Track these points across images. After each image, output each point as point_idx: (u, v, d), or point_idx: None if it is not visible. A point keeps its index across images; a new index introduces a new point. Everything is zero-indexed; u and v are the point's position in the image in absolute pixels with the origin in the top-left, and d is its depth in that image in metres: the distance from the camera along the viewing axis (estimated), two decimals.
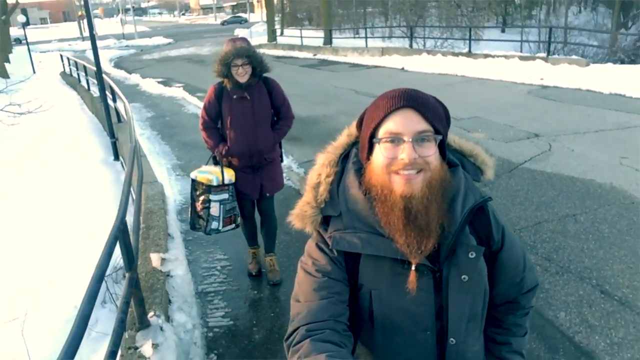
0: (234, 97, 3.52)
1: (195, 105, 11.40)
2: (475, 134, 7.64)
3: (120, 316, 2.49)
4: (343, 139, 1.34)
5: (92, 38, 7.31)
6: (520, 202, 5.09)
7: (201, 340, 3.20)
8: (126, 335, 2.85)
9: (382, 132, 1.16)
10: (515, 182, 5.63)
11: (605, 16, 31.22)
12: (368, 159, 1.21)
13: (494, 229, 1.28)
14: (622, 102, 9.20)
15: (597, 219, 4.65)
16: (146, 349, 2.75)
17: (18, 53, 30.30)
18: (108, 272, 4.11)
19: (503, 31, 29.72)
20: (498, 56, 13.75)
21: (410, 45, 18.84)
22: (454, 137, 1.34)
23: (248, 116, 3.56)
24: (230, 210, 3.70)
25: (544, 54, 13.06)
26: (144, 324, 2.93)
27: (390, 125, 1.14)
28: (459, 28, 21.43)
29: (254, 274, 4.07)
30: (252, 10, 63.72)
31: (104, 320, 4.19)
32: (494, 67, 12.95)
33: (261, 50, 3.28)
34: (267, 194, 3.80)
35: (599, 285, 3.64)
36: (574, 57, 13.15)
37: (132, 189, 4.65)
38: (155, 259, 3.59)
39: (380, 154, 1.16)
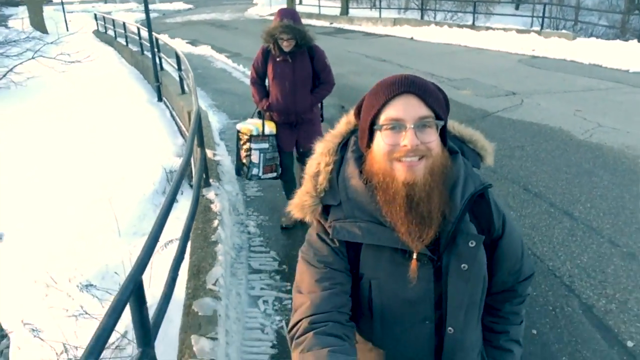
0: (278, 59, 3.85)
1: (223, 62, 12.83)
2: (463, 91, 9.00)
3: (198, 176, 3.97)
4: (342, 127, 1.33)
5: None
6: None
7: (243, 200, 4.74)
8: None
9: (382, 119, 1.14)
10: (485, 125, 7.04)
11: None
12: (368, 146, 1.20)
13: (495, 216, 1.27)
14: (597, 71, 10.47)
15: (539, 149, 6.06)
16: (211, 195, 4.26)
17: (47, 12, 31.62)
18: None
19: (517, 8, 30.59)
20: (498, 29, 14.95)
21: (422, 17, 19.98)
22: (454, 124, 1.33)
23: (288, 77, 3.85)
24: (271, 159, 4.06)
25: (538, 28, 14.23)
26: (207, 184, 4.44)
27: (391, 111, 1.13)
28: (468, 2, 22.41)
29: (284, 226, 4.31)
30: None
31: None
32: (494, 39, 14.15)
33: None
34: (302, 150, 4.11)
35: (524, 185, 5.09)
36: (563, 31, 14.30)
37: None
38: (209, 153, 5.10)
39: (381, 141, 1.15)
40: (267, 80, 4.07)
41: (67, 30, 22.27)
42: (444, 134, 1.19)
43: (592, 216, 4.45)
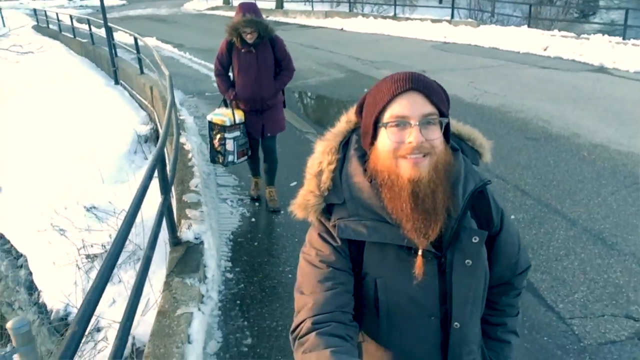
0: (242, 50, 4.07)
1: (169, 51, 13.92)
2: (383, 70, 10.62)
3: (176, 125, 5.28)
4: (342, 125, 1.33)
5: None
6: None
7: (206, 146, 6.07)
8: None
9: (387, 116, 1.15)
10: None
11: None
12: (372, 144, 1.20)
13: (494, 212, 1.30)
14: (494, 53, 12.41)
15: None
16: (183, 140, 5.57)
17: None
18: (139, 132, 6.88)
19: (440, 1, 33.05)
20: (415, 19, 16.82)
21: (350, 10, 21.69)
22: (452, 122, 1.32)
23: (253, 67, 4.08)
24: (243, 144, 4.35)
25: (449, 18, 16.19)
26: (180, 133, 5.74)
27: (397, 108, 1.13)
28: None
29: (255, 197, 4.79)
30: None
31: (137, 160, 6.96)
32: (412, 28, 15.97)
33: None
34: (269, 134, 4.35)
35: None
36: (469, 20, 16.32)
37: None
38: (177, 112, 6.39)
39: (386, 139, 1.15)
40: (230, 71, 4.36)
41: (4, 25, 22.42)
42: (446, 131, 1.20)
43: None
